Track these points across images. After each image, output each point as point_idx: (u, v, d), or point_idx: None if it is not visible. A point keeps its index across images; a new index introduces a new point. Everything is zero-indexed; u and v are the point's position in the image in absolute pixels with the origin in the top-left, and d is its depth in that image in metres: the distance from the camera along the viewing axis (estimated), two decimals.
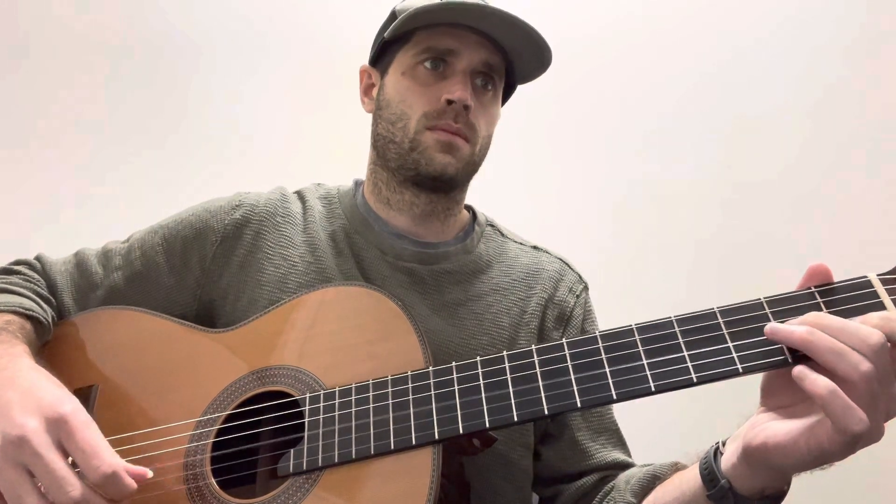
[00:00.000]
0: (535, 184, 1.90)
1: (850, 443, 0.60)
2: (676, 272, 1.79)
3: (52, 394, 0.74)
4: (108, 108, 2.03)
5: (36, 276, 0.99)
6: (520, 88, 1.12)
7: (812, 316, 0.63)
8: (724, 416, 0.78)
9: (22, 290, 0.93)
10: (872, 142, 1.78)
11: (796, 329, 0.63)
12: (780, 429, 0.64)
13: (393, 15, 1.03)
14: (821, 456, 0.62)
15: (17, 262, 1.01)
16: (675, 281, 1.77)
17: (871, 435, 0.60)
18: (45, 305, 0.94)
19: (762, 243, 1.77)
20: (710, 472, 0.72)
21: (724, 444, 0.73)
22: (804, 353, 0.63)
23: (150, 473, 0.74)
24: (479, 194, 1.14)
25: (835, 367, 0.60)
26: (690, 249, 1.80)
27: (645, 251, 1.82)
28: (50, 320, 0.93)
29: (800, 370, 0.61)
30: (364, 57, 1.10)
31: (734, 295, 0.74)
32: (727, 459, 0.70)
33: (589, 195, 1.88)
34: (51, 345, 0.93)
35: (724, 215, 1.82)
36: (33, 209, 1.96)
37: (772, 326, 0.65)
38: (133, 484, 0.71)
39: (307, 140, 1.96)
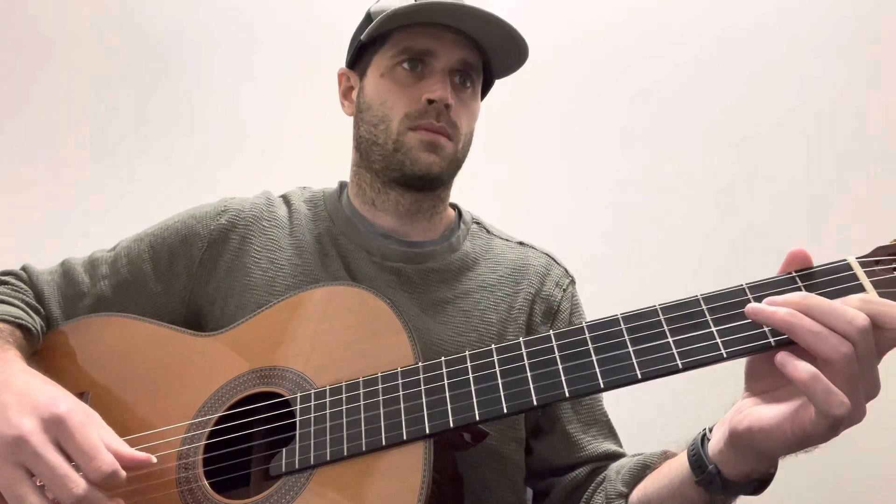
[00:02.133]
0: (520, 180, 1.90)
1: (833, 426, 0.60)
2: (665, 266, 1.79)
3: (47, 394, 0.74)
4: (97, 113, 2.02)
5: (23, 286, 0.99)
6: (504, 85, 1.12)
7: (799, 295, 0.63)
8: (711, 403, 0.79)
9: (11, 300, 0.93)
10: (865, 137, 1.79)
11: (778, 310, 0.63)
12: (764, 413, 0.65)
13: (368, 17, 1.03)
14: (805, 439, 0.63)
15: (4, 273, 1.01)
16: (662, 275, 1.78)
17: (853, 416, 0.61)
18: (33, 315, 0.94)
19: (753, 239, 1.78)
20: (697, 459, 0.73)
21: (711, 430, 0.74)
22: (786, 336, 0.64)
23: (154, 459, 0.75)
24: (464, 192, 1.14)
25: (815, 348, 0.61)
26: (679, 244, 1.81)
27: (631, 245, 1.83)
28: (39, 329, 0.93)
29: (782, 356, 0.62)
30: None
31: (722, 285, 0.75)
32: (714, 445, 0.71)
33: (574, 191, 1.89)
34: (41, 353, 0.93)
35: (713, 210, 1.83)
36: (21, 217, 1.95)
37: (753, 306, 0.64)
38: (123, 474, 0.72)
39: (292, 143, 1.96)
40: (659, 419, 1.51)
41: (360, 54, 1.05)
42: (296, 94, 2.00)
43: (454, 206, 1.14)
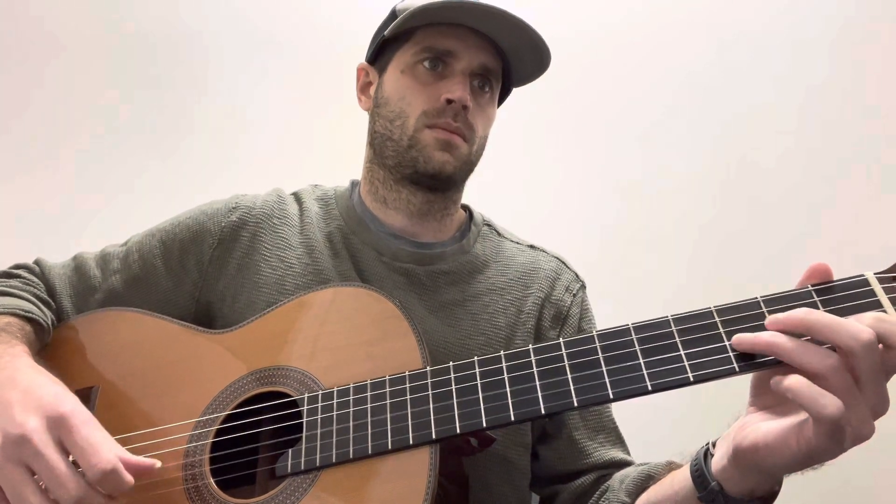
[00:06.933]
0: (532, 183, 1.90)
1: (832, 432, 0.59)
2: (673, 271, 1.79)
3: (52, 392, 0.74)
4: (106, 111, 2.04)
5: (35, 279, 0.99)
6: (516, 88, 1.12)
7: (802, 311, 0.63)
8: (722, 415, 0.78)
9: (21, 293, 0.93)
10: (870, 138, 1.78)
11: (760, 336, 0.64)
12: (770, 429, 0.64)
13: (393, 14, 1.03)
14: (811, 454, 0.62)
15: (17, 266, 1.02)
16: (672, 280, 1.77)
17: (861, 432, 0.59)
18: (44, 308, 0.94)
19: (759, 240, 1.77)
20: (700, 475, 0.72)
21: (713, 444, 0.73)
22: None
23: (158, 464, 0.75)
24: (475, 193, 1.14)
25: (800, 363, 0.61)
26: (687, 248, 1.80)
27: (641, 250, 1.82)
28: (49, 323, 0.93)
29: (776, 378, 0.62)
30: (361, 58, 1.10)
31: (732, 293, 0.74)
32: (717, 461, 0.70)
33: (585, 193, 1.89)
34: (51, 347, 0.93)
35: (720, 213, 1.82)
36: (31, 214, 1.96)
37: (737, 337, 0.65)
38: (130, 479, 0.71)
39: (304, 141, 1.97)
40: (668, 428, 1.50)
41: (382, 50, 1.05)
42: (306, 93, 2.00)
43: (465, 208, 1.13)
